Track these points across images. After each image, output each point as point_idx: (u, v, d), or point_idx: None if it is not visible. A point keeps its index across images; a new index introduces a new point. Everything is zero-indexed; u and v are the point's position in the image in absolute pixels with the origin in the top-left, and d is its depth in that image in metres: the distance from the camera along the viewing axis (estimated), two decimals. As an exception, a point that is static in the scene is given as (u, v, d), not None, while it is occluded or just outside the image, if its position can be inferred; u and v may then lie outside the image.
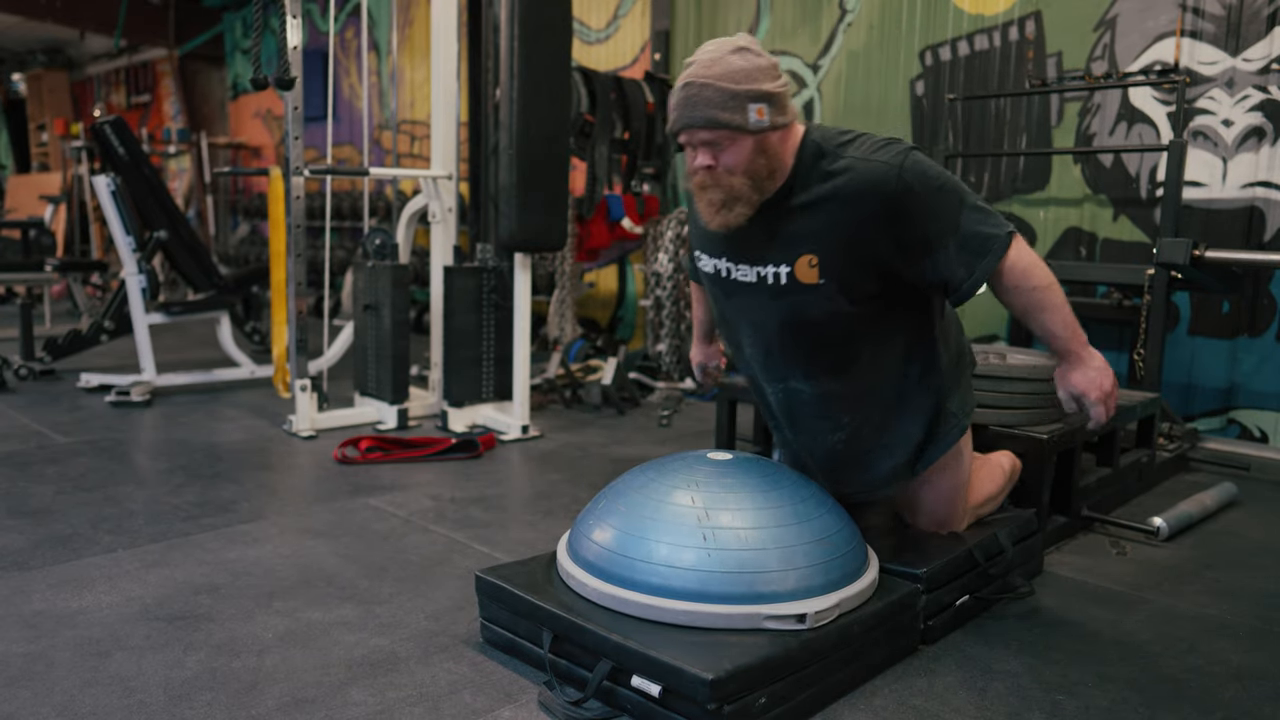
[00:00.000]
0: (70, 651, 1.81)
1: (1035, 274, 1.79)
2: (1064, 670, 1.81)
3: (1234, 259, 3.19)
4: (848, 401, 1.95)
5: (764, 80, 1.72)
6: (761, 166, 1.76)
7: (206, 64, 10.34)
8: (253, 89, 3.41)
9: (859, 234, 1.76)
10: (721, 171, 1.76)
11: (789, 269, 1.82)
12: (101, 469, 3.09)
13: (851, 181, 1.74)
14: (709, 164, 1.76)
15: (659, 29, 5.57)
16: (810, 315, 1.84)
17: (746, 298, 1.91)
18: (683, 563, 1.66)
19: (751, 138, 1.73)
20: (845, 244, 1.77)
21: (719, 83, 1.70)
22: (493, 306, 3.81)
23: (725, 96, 1.70)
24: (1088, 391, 1.81)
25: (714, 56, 1.73)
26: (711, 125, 1.72)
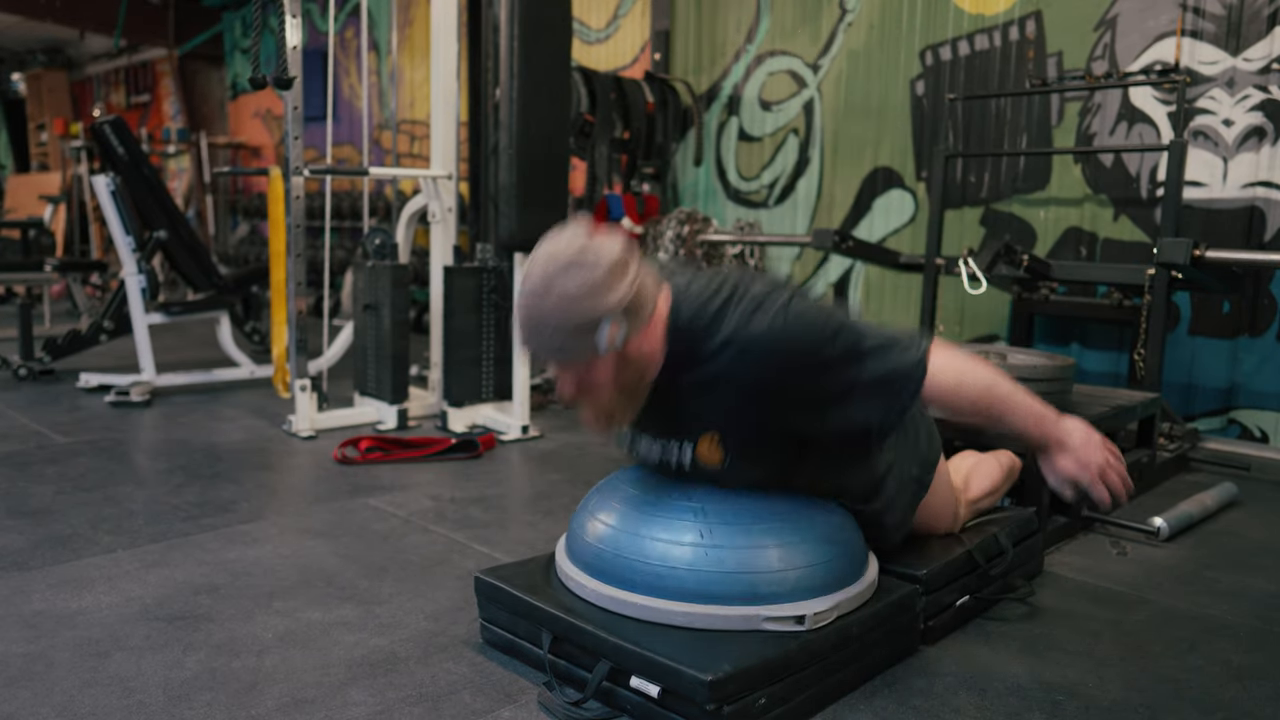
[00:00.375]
0: (70, 652, 1.80)
1: (966, 386, 1.60)
2: (1064, 670, 1.81)
3: (1234, 259, 3.19)
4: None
5: (607, 294, 1.48)
6: (629, 377, 1.58)
7: (206, 64, 10.34)
8: (251, 88, 3.41)
9: (754, 408, 1.60)
10: (589, 393, 1.59)
11: (691, 447, 1.69)
12: (101, 469, 3.09)
13: (733, 359, 1.55)
14: (572, 390, 1.59)
15: (659, 29, 5.57)
16: (725, 484, 1.73)
17: (657, 464, 1.78)
18: (681, 563, 1.65)
19: (610, 357, 1.53)
20: (743, 421, 1.63)
21: (555, 318, 1.48)
22: (493, 306, 3.81)
23: (566, 331, 1.49)
24: (1079, 476, 1.64)
25: (545, 282, 1.49)
26: (562, 360, 1.55)
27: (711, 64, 5.41)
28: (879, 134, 4.71)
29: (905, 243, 4.59)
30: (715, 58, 5.39)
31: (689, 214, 4.93)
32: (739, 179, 5.33)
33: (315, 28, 8.36)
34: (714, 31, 5.38)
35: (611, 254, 1.50)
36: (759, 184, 5.24)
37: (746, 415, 1.62)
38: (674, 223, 4.87)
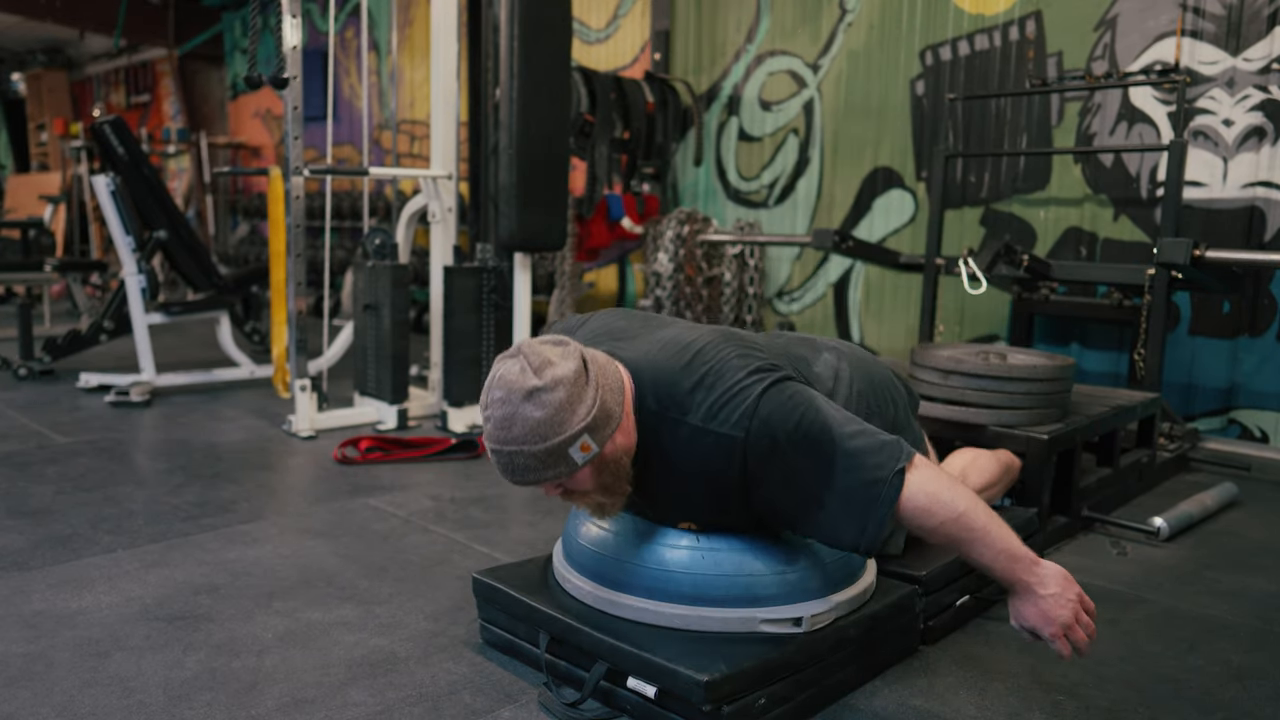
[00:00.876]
0: (70, 652, 1.80)
1: (940, 507, 1.49)
2: (1064, 670, 1.81)
3: (1234, 259, 3.19)
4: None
5: (570, 416, 1.45)
6: (609, 478, 1.54)
7: (206, 64, 10.35)
8: (248, 88, 3.41)
9: (727, 506, 1.60)
10: (575, 498, 1.58)
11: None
12: (101, 469, 3.09)
13: (703, 458, 1.54)
14: (559, 494, 1.57)
15: (659, 29, 5.57)
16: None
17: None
18: (677, 565, 1.65)
19: (590, 467, 1.51)
20: (719, 511, 1.63)
21: (526, 447, 1.45)
22: (493, 306, 3.81)
23: (540, 458, 1.46)
24: (1043, 628, 1.51)
25: (507, 415, 1.45)
26: (543, 483, 1.52)
27: (711, 64, 5.41)
28: (879, 134, 4.71)
29: (905, 243, 4.59)
30: (715, 58, 5.39)
31: (689, 214, 4.93)
32: (739, 179, 5.33)
33: (315, 28, 8.36)
34: (714, 31, 5.38)
35: (567, 373, 1.45)
36: (759, 184, 5.24)
37: (718, 511, 1.63)
38: (674, 223, 4.87)
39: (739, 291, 4.99)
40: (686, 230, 4.85)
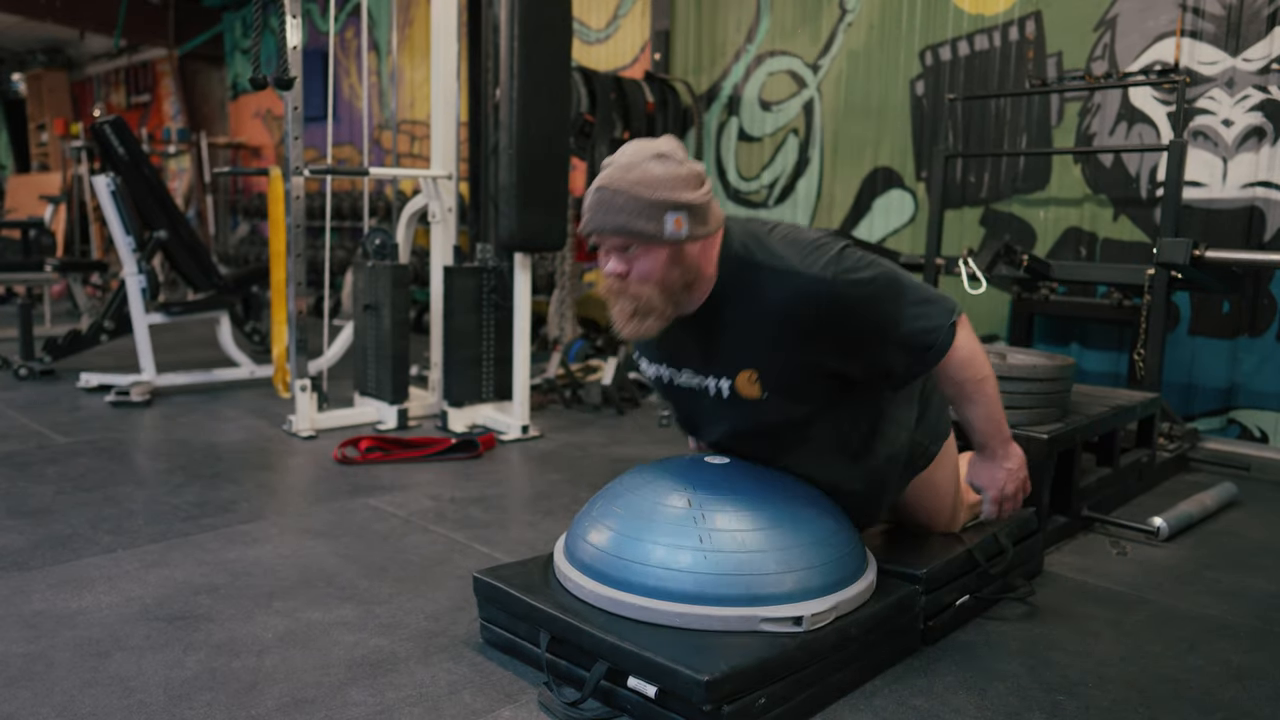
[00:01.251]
0: (70, 652, 1.81)
1: (973, 365, 1.74)
2: (1064, 670, 1.81)
3: (1234, 259, 3.19)
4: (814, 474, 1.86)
5: (684, 190, 1.61)
6: (676, 278, 1.64)
7: (206, 64, 10.35)
8: (252, 89, 3.41)
9: (797, 348, 1.67)
10: (633, 280, 1.64)
11: (730, 383, 1.74)
12: (101, 469, 3.09)
13: (784, 297, 1.64)
14: (620, 271, 1.64)
15: (659, 29, 5.57)
16: (756, 421, 1.78)
17: (693, 402, 1.84)
18: (679, 565, 1.65)
19: (666, 248, 1.61)
20: (784, 358, 1.69)
21: (634, 190, 1.59)
22: (493, 306, 3.81)
23: (640, 205, 1.59)
24: (988, 488, 1.86)
25: (632, 161, 1.62)
26: (623, 233, 1.61)
27: (711, 64, 5.41)
28: (879, 134, 4.71)
29: (905, 243, 4.59)
30: (715, 58, 5.39)
31: (689, 214, 4.92)
32: (739, 179, 5.33)
33: (315, 28, 8.37)
34: (714, 32, 5.38)
35: (695, 164, 1.65)
36: (759, 184, 5.24)
37: (785, 354, 1.68)
38: (674, 223, 4.86)
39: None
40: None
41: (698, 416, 1.88)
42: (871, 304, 1.66)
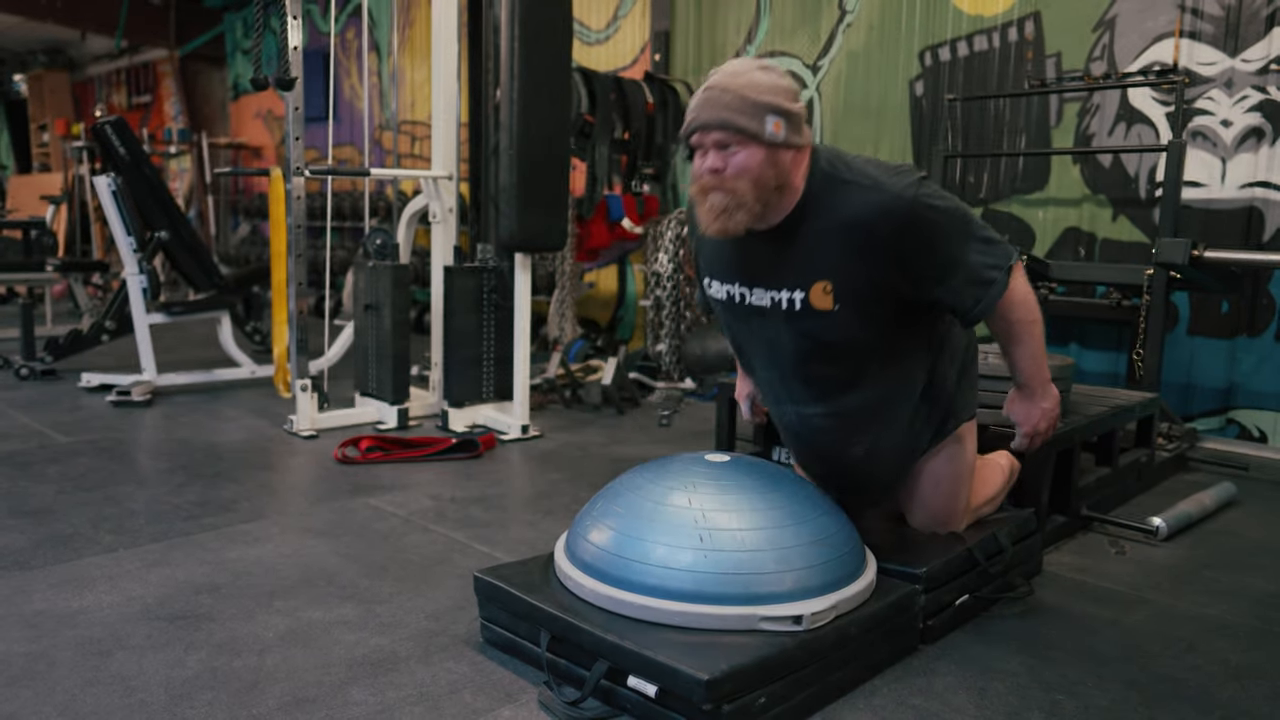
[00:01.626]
0: (71, 651, 1.81)
1: (1026, 308, 1.86)
2: (1063, 670, 1.81)
3: (1233, 259, 3.19)
4: (861, 422, 1.96)
5: (784, 98, 1.73)
6: (770, 178, 1.74)
7: (207, 64, 10.35)
8: (253, 89, 3.42)
9: (871, 262, 1.77)
10: (729, 175, 1.73)
11: (803, 295, 1.82)
12: (102, 469, 3.10)
13: (862, 210, 1.75)
14: (718, 166, 1.74)
15: (659, 30, 5.57)
16: (824, 339, 1.85)
17: (760, 322, 1.91)
18: (679, 564, 1.66)
19: (764, 148, 1.72)
20: (858, 271, 1.78)
21: (741, 90, 1.72)
22: (493, 306, 3.82)
23: (745, 103, 1.71)
24: (1022, 422, 1.99)
25: (739, 69, 1.76)
26: (726, 127, 1.72)
27: (711, 65, 5.40)
28: (878, 134, 4.72)
29: (905, 243, 4.59)
30: (715, 58, 5.39)
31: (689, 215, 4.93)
32: (739, 179, 5.33)
33: (316, 28, 8.37)
34: (714, 32, 5.38)
35: (793, 83, 1.79)
36: (759, 184, 5.24)
37: (860, 266, 1.77)
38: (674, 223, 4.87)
39: (739, 292, 4.99)
40: (686, 231, 4.86)
41: (761, 341, 1.95)
42: (943, 231, 1.77)
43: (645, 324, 5.04)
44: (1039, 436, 2.00)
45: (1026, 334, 1.89)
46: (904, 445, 2.03)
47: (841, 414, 1.95)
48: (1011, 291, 1.82)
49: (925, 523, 2.12)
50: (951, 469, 2.07)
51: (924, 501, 2.10)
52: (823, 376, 1.92)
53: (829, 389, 1.93)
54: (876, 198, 1.74)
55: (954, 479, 2.08)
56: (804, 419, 2.01)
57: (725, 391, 3.19)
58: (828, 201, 1.78)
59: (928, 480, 2.08)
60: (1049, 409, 1.98)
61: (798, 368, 1.92)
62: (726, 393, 3.19)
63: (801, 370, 1.93)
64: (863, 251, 1.76)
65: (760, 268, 1.87)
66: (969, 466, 2.11)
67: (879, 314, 1.83)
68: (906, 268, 1.77)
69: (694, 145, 1.79)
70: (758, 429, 3.10)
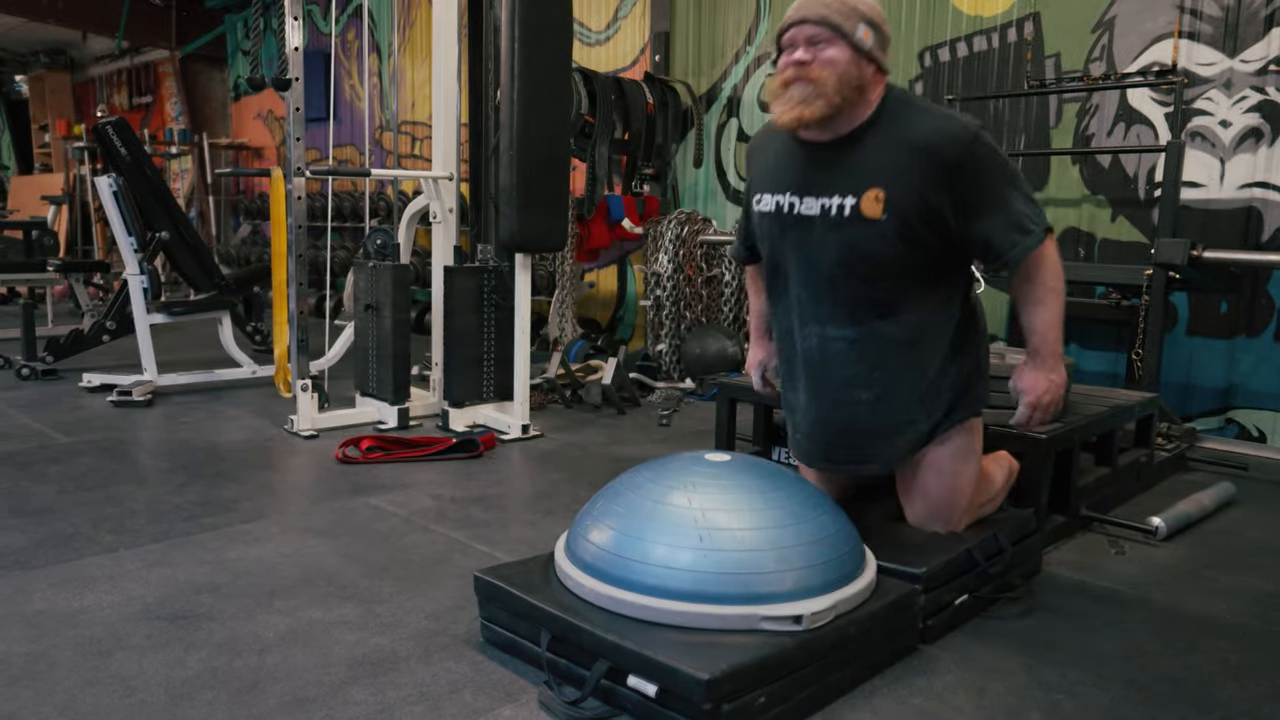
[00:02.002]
0: (71, 651, 1.81)
1: (1054, 273, 1.96)
2: (1063, 670, 1.82)
3: (1232, 259, 3.20)
4: (882, 355, 2.01)
5: (877, 16, 1.91)
6: (852, 78, 1.88)
7: (208, 65, 10.36)
8: (251, 90, 3.42)
9: (925, 179, 1.88)
10: (816, 64, 1.87)
11: (854, 201, 1.93)
12: (103, 469, 3.10)
13: (928, 132, 1.89)
14: (805, 58, 1.88)
15: (659, 30, 5.58)
16: (865, 251, 1.93)
17: (804, 235, 2.00)
18: (679, 563, 1.66)
19: (851, 50, 1.88)
20: (912, 185, 1.89)
21: None
22: (493, 306, 3.82)
23: (843, 7, 1.88)
24: (1027, 391, 2.00)
25: None
26: (822, 22, 1.87)
27: (711, 65, 5.42)
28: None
29: (905, 243, 4.59)
30: (715, 59, 5.40)
31: (689, 215, 4.94)
32: (739, 180, 5.34)
33: (317, 29, 8.37)
34: (714, 33, 5.39)
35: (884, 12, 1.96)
36: (759, 185, 5.24)
37: (914, 181, 1.88)
38: (674, 224, 4.88)
39: (739, 291, 5.00)
40: (686, 231, 4.86)
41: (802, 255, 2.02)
42: (994, 173, 1.89)
43: (645, 324, 5.05)
44: (1041, 410, 2.01)
45: (1050, 298, 1.96)
46: (909, 411, 2.04)
47: (865, 340, 2.00)
48: (1045, 251, 1.92)
49: (924, 516, 2.12)
50: (956, 463, 2.08)
51: (926, 491, 2.10)
52: (856, 296, 1.98)
53: (860, 310, 1.99)
54: (945, 125, 1.89)
55: (957, 473, 2.08)
56: (826, 343, 2.04)
57: (725, 391, 3.19)
58: (898, 120, 1.92)
59: (931, 470, 2.08)
60: (1056, 382, 2.00)
61: (834, 284, 1.99)
62: (726, 393, 3.19)
63: (837, 288, 1.99)
64: (921, 168, 1.88)
65: (816, 176, 1.98)
66: (974, 465, 2.11)
67: (921, 238, 1.92)
68: (956, 194, 1.89)
69: (785, 44, 1.92)
70: (759, 429, 3.10)
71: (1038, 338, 1.98)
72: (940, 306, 2.02)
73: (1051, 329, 1.98)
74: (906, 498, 2.16)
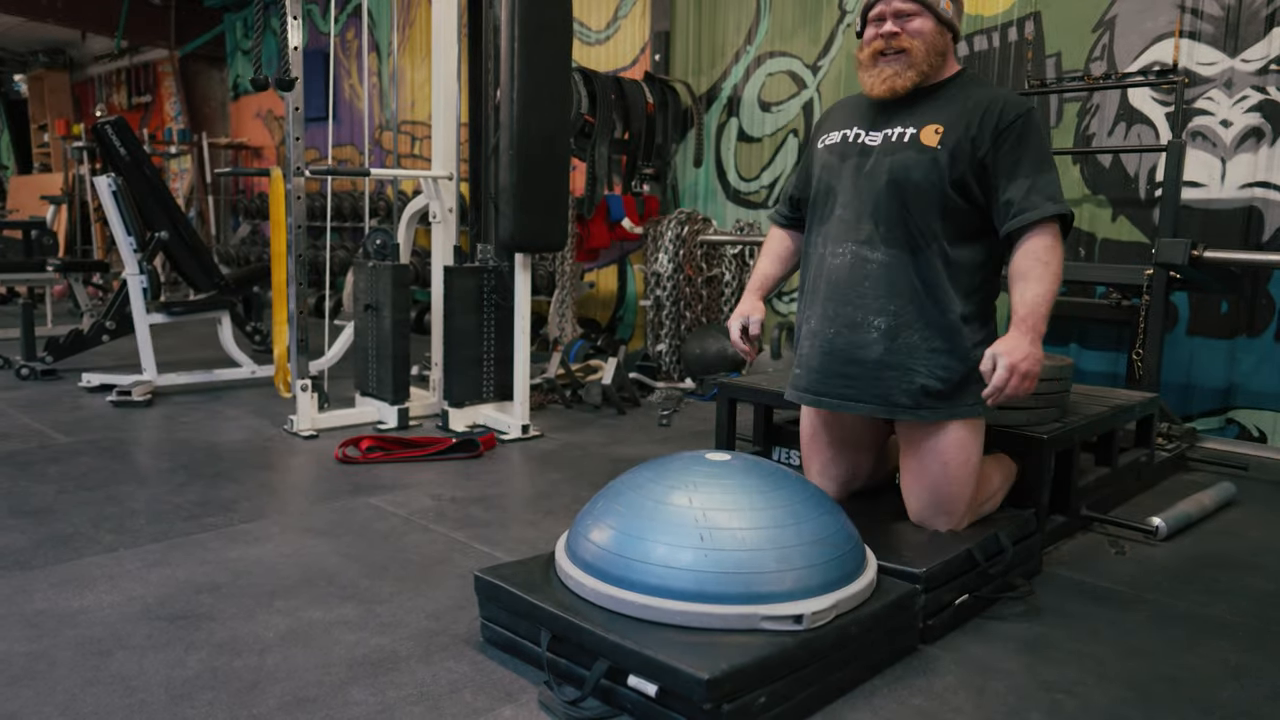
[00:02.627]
0: (72, 651, 1.81)
1: (1055, 256, 2.05)
2: (1063, 670, 1.82)
3: (1232, 259, 3.20)
4: (904, 286, 2.10)
5: None
6: (938, 45, 2.09)
7: (207, 65, 10.36)
8: (253, 89, 3.42)
9: (981, 130, 2.05)
10: (906, 34, 2.06)
11: (915, 131, 2.10)
12: (103, 468, 3.10)
13: (992, 96, 2.09)
14: (895, 30, 2.07)
15: (659, 30, 5.57)
16: (915, 176, 2.07)
17: (860, 160, 2.16)
18: (680, 563, 1.66)
19: (936, 21, 2.08)
20: (969, 130, 2.05)
21: None
22: (493, 306, 3.82)
23: None
24: (1007, 354, 1.97)
25: None
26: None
27: (711, 65, 5.42)
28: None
29: (905, 243, 4.59)
30: (715, 59, 5.40)
31: (689, 215, 4.94)
32: (739, 179, 5.34)
33: (316, 29, 8.37)
34: (714, 33, 5.39)
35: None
36: (759, 184, 5.25)
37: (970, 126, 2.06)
38: (674, 223, 4.88)
39: (739, 291, 5.00)
40: (686, 231, 4.86)
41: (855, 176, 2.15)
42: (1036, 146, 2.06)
43: (645, 324, 5.05)
44: (1017, 377, 1.95)
45: (1048, 277, 2.03)
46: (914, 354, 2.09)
47: (893, 266, 2.10)
48: (1054, 233, 2.04)
49: (927, 507, 2.13)
50: (959, 453, 2.10)
51: (930, 478, 2.12)
52: (895, 219, 2.10)
53: (895, 234, 2.10)
54: (1004, 94, 2.10)
55: (961, 463, 2.10)
56: (856, 262, 2.14)
57: (725, 391, 3.19)
58: (968, 86, 2.13)
59: (935, 460, 2.10)
60: (1036, 355, 1.99)
61: (878, 205, 2.11)
62: (726, 393, 3.19)
63: (880, 209, 2.11)
64: (979, 120, 2.05)
65: (885, 116, 2.17)
66: (976, 460, 2.13)
67: (964, 180, 2.06)
68: (1001, 151, 2.04)
69: (872, 17, 2.11)
70: (758, 429, 3.10)
71: (1026, 309, 2.01)
72: (968, 268, 2.12)
73: (1042, 304, 2.01)
74: (909, 489, 2.17)
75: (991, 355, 1.98)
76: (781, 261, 2.45)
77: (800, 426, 2.41)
